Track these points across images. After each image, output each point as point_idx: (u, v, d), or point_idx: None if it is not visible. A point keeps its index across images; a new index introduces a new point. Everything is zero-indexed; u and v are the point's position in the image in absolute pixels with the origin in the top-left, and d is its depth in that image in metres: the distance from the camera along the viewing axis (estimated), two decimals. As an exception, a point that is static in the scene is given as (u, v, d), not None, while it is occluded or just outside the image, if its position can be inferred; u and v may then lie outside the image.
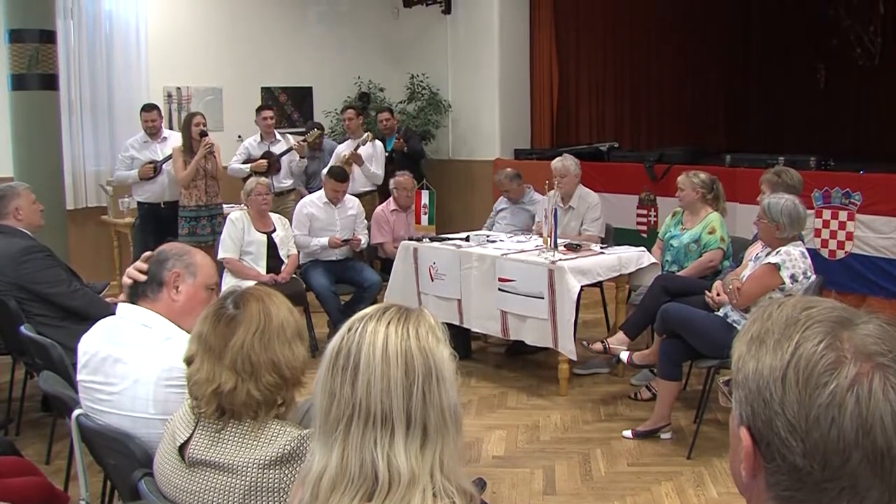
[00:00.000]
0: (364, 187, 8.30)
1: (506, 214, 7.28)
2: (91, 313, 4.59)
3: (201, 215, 7.35)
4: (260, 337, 2.02)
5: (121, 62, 9.05)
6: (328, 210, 7.00)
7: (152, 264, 2.65)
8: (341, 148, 8.49)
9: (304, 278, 6.76)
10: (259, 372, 2.00)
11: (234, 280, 6.31)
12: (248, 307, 2.06)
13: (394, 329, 1.48)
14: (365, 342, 1.46)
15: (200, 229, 7.31)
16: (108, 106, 9.01)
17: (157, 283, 2.63)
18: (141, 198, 7.93)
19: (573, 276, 5.45)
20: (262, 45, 10.03)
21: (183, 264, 2.66)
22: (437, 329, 1.53)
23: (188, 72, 9.57)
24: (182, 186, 7.39)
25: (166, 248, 2.70)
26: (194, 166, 7.27)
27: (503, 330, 5.88)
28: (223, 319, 2.04)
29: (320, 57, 10.42)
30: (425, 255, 6.40)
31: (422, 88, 10.41)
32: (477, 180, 10.03)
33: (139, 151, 7.92)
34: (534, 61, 10.04)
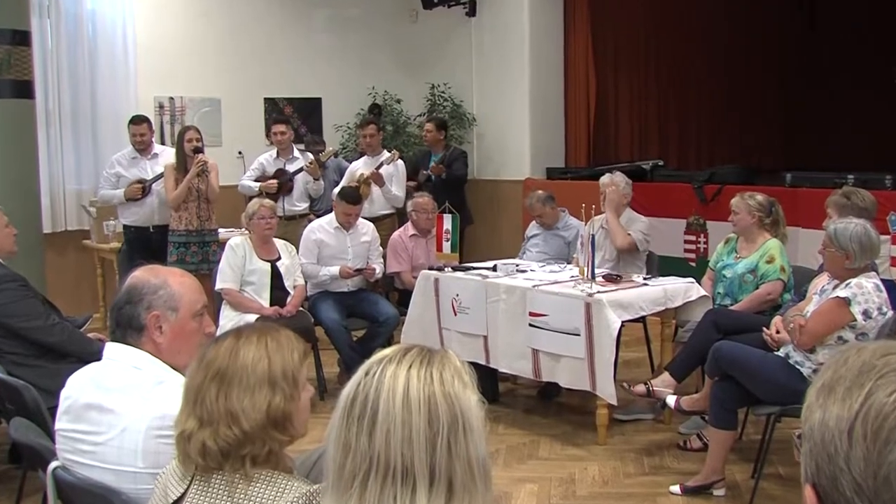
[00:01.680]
0: (383, 210, 8.33)
1: (537, 241, 7.25)
2: (70, 350, 4.60)
3: (191, 241, 7.40)
4: (219, 381, 1.99)
5: (106, 68, 9.12)
6: (339, 236, 7.00)
7: (124, 307, 2.59)
8: (356, 166, 8.52)
9: (312, 312, 6.75)
10: (215, 421, 1.97)
11: (233, 313, 6.32)
12: (218, 345, 2.03)
13: (416, 373, 1.48)
14: (384, 387, 1.47)
15: (190, 256, 7.35)
16: (91, 117, 9.08)
17: (135, 327, 2.58)
18: (127, 220, 7.95)
19: (613, 310, 5.42)
20: (265, 52, 10.11)
21: (161, 302, 2.60)
22: (464, 373, 1.52)
23: (182, 80, 9.65)
24: (172, 208, 7.43)
25: (135, 283, 2.62)
26: (185, 186, 7.32)
27: (534, 370, 5.85)
28: (199, 358, 2.04)
29: (330, 65, 10.51)
30: (447, 286, 6.38)
31: (443, 100, 10.45)
32: (505, 203, 10.03)
33: (126, 169, 7.95)
34: (568, 70, 10.06)
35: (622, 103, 10.63)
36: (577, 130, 10.07)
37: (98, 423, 2.50)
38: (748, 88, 12.01)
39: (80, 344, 4.64)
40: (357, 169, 8.44)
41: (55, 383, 4.02)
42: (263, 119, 10.14)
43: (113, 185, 7.95)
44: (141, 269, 2.67)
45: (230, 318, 6.26)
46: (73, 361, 4.38)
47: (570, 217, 7.25)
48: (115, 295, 2.69)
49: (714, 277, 6.01)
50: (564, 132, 10.13)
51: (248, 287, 6.46)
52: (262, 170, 8.38)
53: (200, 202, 7.38)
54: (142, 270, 2.66)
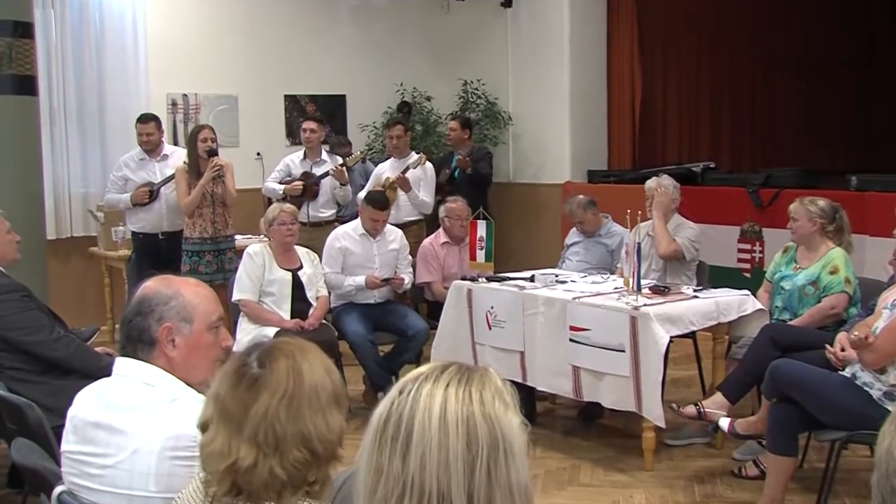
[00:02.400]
0: (409, 216, 8.35)
1: (578, 249, 7.24)
2: (76, 366, 4.61)
3: (205, 249, 7.40)
4: (287, 404, 1.97)
5: (114, 62, 9.18)
6: (365, 243, 7.00)
7: (134, 319, 2.59)
8: (383, 169, 8.55)
9: (335, 325, 6.76)
10: (285, 446, 1.95)
11: (251, 326, 6.34)
12: (274, 366, 2.01)
13: (454, 392, 1.49)
14: (419, 407, 1.47)
15: (204, 266, 7.35)
16: (98, 115, 9.15)
17: (146, 341, 2.58)
18: (135, 227, 7.99)
19: (660, 324, 5.39)
20: (285, 45, 10.16)
21: (173, 313, 2.60)
22: (506, 393, 1.52)
23: (196, 76, 9.72)
24: (185, 214, 7.45)
25: (146, 293, 2.63)
26: (199, 191, 7.31)
27: (575, 389, 5.83)
28: (245, 381, 2.00)
29: (355, 60, 10.55)
30: (482, 297, 6.38)
31: (477, 97, 10.46)
32: (543, 208, 10.02)
33: (134, 171, 7.98)
34: (612, 65, 10.03)
35: (670, 101, 10.58)
36: (620, 130, 10.03)
37: (107, 444, 2.50)
38: (808, 84, 11.91)
39: (87, 359, 4.65)
40: (383, 172, 8.46)
41: (60, 401, 4.02)
42: (284, 118, 10.19)
43: (120, 189, 7.99)
44: (152, 280, 2.68)
45: (248, 332, 6.29)
46: (79, 377, 4.39)
47: (614, 223, 7.22)
48: (125, 306, 2.69)
49: (771, 290, 5.96)
50: (607, 132, 10.10)
51: (267, 298, 6.48)
52: (288, 171, 8.40)
53: (216, 207, 7.38)
54: (153, 281, 2.67)
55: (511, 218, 10.01)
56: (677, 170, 8.85)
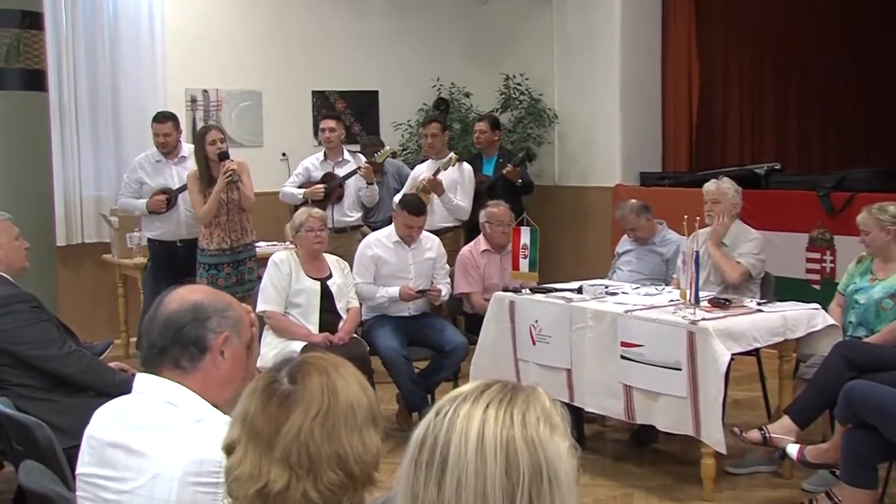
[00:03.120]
0: (445, 222, 8.34)
1: (630, 258, 7.22)
2: (89, 382, 4.63)
3: (223, 262, 7.37)
4: (322, 422, 1.97)
5: (129, 55, 9.24)
6: (399, 251, 7.01)
7: (187, 326, 2.60)
8: (420, 171, 8.54)
9: (367, 339, 6.77)
10: (319, 467, 1.95)
11: (276, 340, 6.36)
12: (307, 382, 2.01)
13: (493, 413, 1.48)
14: (455, 430, 1.47)
15: (223, 279, 7.32)
16: (111, 113, 9.21)
17: (199, 348, 2.59)
18: (152, 233, 8.01)
19: (721, 340, 5.34)
20: (313, 38, 10.21)
21: (230, 323, 2.63)
22: (554, 415, 1.52)
23: (218, 70, 9.78)
24: (203, 225, 7.42)
25: (200, 300, 2.65)
26: (215, 200, 7.25)
27: (627, 410, 5.80)
28: (276, 398, 2.00)
29: (389, 53, 10.58)
30: (525, 310, 6.37)
31: (520, 94, 10.46)
32: (591, 214, 9.99)
33: (150, 175, 7.99)
34: (667, 59, 9.98)
35: (731, 96, 10.51)
36: (676, 128, 9.98)
37: (125, 466, 2.50)
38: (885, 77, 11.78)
39: (100, 375, 4.67)
40: (420, 174, 8.46)
41: (71, 420, 4.06)
42: (312, 115, 10.22)
43: (135, 193, 8.01)
44: (189, 289, 2.69)
45: (273, 346, 6.32)
46: (93, 395, 4.41)
47: (669, 230, 7.20)
48: (141, 318, 2.69)
49: (844, 303, 5.91)
50: (662, 131, 10.06)
51: (293, 309, 6.49)
52: (307, 175, 8.42)
53: (232, 214, 7.33)
54: (193, 290, 2.69)
55: (557, 224, 9.98)
56: (739, 171, 8.79)
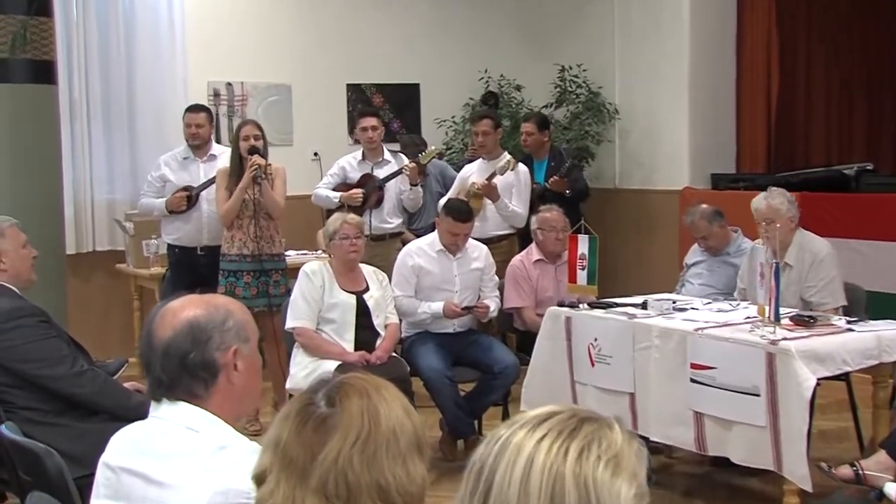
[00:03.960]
0: (499, 230, 8.29)
1: (701, 270, 7.21)
2: (103, 405, 4.64)
3: (244, 269, 7.39)
4: (362, 448, 1.97)
5: (147, 45, 9.31)
6: (443, 261, 7.01)
7: (190, 355, 2.60)
8: (469, 171, 8.50)
9: (407, 358, 6.77)
10: (358, 499, 1.95)
11: (307, 359, 6.37)
12: (346, 405, 2.02)
13: (547, 445, 1.49)
14: (504, 458, 1.49)
15: (242, 289, 7.33)
16: (126, 108, 9.29)
17: (210, 373, 2.61)
18: (171, 238, 8.05)
19: (805, 363, 5.28)
20: (348, 26, 10.26)
21: (233, 334, 2.65)
22: (625, 456, 1.50)
23: (243, 61, 9.84)
24: (224, 226, 7.47)
25: (193, 321, 2.64)
26: (238, 197, 7.30)
27: (697, 440, 5.75)
28: (311, 422, 2.00)
29: (431, 43, 10.61)
30: (583, 327, 6.35)
31: (576, 86, 10.44)
32: (657, 220, 9.96)
33: (175, 172, 8.03)
34: (743, 45, 9.92)
35: (816, 90, 10.40)
36: (753, 125, 9.91)
37: (143, 498, 2.51)
38: None
39: (116, 396, 4.68)
40: (469, 175, 8.42)
41: (83, 447, 4.07)
42: (346, 111, 10.28)
43: (157, 192, 8.05)
44: (180, 305, 2.68)
45: (304, 366, 6.34)
46: (106, 419, 4.43)
47: (744, 239, 7.17)
48: (141, 347, 2.69)
49: (947, 323, 5.82)
50: (736, 128, 10.00)
51: (327, 326, 6.49)
52: (344, 176, 8.40)
53: (258, 218, 7.35)
54: (185, 305, 2.68)
55: (617, 231, 9.94)
56: (825, 173, 8.75)
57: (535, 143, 8.94)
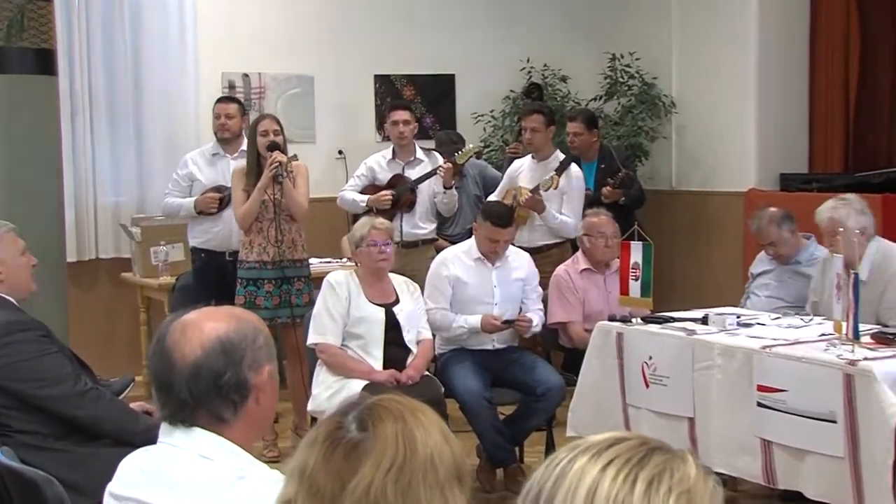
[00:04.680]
0: (546, 239, 8.23)
1: (769, 281, 7.20)
2: (108, 428, 4.66)
3: (265, 277, 7.40)
4: (396, 477, 1.96)
5: (155, 33, 9.33)
6: (481, 271, 7.02)
7: (226, 370, 2.61)
8: (519, 169, 8.44)
9: (442, 377, 6.79)
10: None
11: (331, 378, 6.40)
12: (379, 429, 2.02)
13: (613, 473, 1.48)
14: (564, 484, 1.49)
15: (263, 298, 7.35)
16: (132, 102, 9.31)
17: (242, 395, 2.61)
18: (198, 241, 8.08)
19: (889, 386, 5.23)
20: (376, 12, 10.28)
21: (265, 352, 2.66)
22: (699, 494, 1.49)
23: (260, 50, 9.86)
24: (241, 229, 7.48)
25: (226, 329, 2.65)
26: (257, 198, 7.31)
27: (765, 472, 5.72)
28: (341, 448, 2.00)
29: (468, 29, 10.61)
30: (636, 344, 6.34)
31: (629, 77, 10.44)
32: (718, 225, 9.94)
33: (202, 170, 8.06)
34: (818, 31, 9.86)
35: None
36: (828, 119, 9.83)
37: (152, 536, 2.52)
38: None
39: (121, 419, 4.69)
40: (518, 173, 8.38)
41: (86, 474, 4.09)
42: (374, 105, 10.29)
43: (183, 192, 8.09)
44: (202, 319, 2.68)
45: (327, 386, 6.36)
46: (111, 444, 4.45)
47: (818, 246, 7.12)
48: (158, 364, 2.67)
49: None
50: (809, 122, 9.95)
51: (353, 341, 6.52)
52: (372, 177, 8.43)
53: (279, 220, 7.35)
54: (208, 319, 2.68)
55: (674, 238, 9.93)
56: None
57: (584, 144, 8.81)
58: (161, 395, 2.65)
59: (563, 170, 8.21)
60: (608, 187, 8.53)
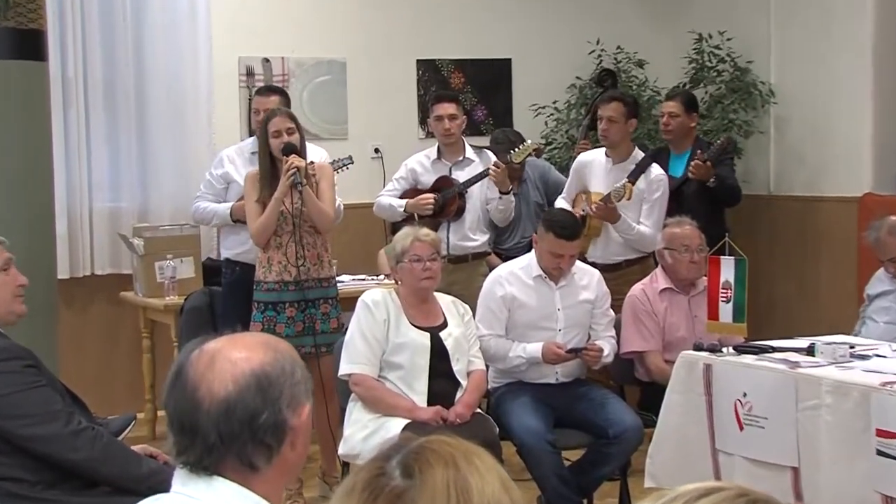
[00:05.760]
0: (622, 254, 8.19)
1: (889, 304, 7.21)
2: (105, 473, 4.68)
3: (285, 300, 7.39)
4: None
5: (160, 13, 9.39)
6: (542, 291, 7.03)
7: (262, 410, 2.62)
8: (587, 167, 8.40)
9: (496, 415, 6.80)
10: None
11: (367, 416, 6.40)
12: (427, 476, 2.02)
13: None
14: None
15: (284, 325, 7.35)
16: (135, 91, 9.37)
17: (278, 437, 2.62)
18: (232, 252, 8.15)
19: None
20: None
21: (304, 388, 2.68)
22: None
23: (284, 31, 9.93)
24: (256, 244, 7.48)
25: (260, 362, 2.66)
26: (274, 210, 7.28)
27: (885, 533, 5.71)
28: (384, 496, 2.01)
29: (526, 6, 10.64)
30: (728, 379, 6.30)
31: (718, 61, 10.44)
32: (826, 237, 9.93)
33: (241, 170, 8.05)
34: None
35: None
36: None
37: None
38: None
39: (122, 463, 4.71)
40: (588, 171, 8.34)
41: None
42: (417, 95, 10.35)
43: (218, 195, 8.17)
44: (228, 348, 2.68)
45: (362, 425, 6.36)
46: (108, 492, 4.47)
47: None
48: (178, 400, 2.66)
49: None
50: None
51: (392, 372, 6.52)
52: (414, 179, 8.46)
53: (301, 233, 7.34)
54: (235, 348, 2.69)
55: (773, 252, 9.94)
56: None
57: (680, 129, 8.82)
58: (183, 439, 2.64)
59: (640, 174, 8.13)
60: (697, 160, 8.47)
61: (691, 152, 8.74)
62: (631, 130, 8.43)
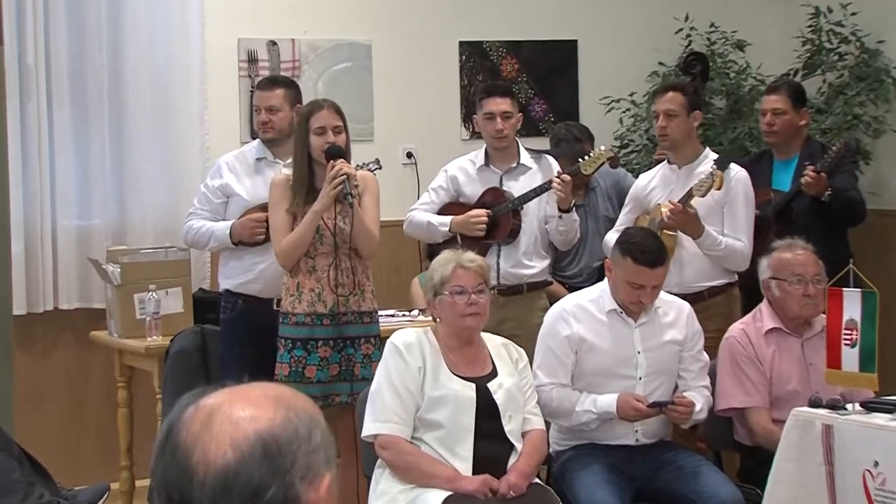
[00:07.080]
0: (707, 279, 8.11)
1: None
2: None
3: (318, 336, 7.38)
4: None
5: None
6: (618, 330, 7.02)
7: (270, 483, 2.56)
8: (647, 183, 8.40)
9: (559, 486, 6.78)
10: None
11: (398, 486, 6.35)
12: None
13: None
14: None
15: (316, 368, 7.33)
16: (108, 83, 9.41)
17: None
18: (233, 282, 8.15)
19: None
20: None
21: (324, 455, 2.61)
22: None
23: (295, 9, 10.00)
24: (283, 266, 7.45)
25: (268, 423, 2.62)
26: (311, 225, 7.27)
27: None
28: None
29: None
30: (854, 443, 6.26)
31: (840, 42, 10.42)
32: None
33: (243, 180, 8.14)
34: None
35: None
36: None
37: None
38: None
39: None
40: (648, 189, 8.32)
41: None
42: (459, 86, 10.38)
43: (214, 211, 8.19)
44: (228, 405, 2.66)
45: (391, 497, 6.33)
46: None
47: None
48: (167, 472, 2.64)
49: None
50: None
51: (429, 433, 6.49)
52: (455, 190, 8.45)
53: (340, 256, 7.36)
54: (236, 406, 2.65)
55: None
56: None
57: (787, 128, 8.74)
58: None
59: (728, 164, 8.03)
60: (810, 170, 8.32)
61: (800, 158, 8.68)
62: (695, 125, 8.34)
